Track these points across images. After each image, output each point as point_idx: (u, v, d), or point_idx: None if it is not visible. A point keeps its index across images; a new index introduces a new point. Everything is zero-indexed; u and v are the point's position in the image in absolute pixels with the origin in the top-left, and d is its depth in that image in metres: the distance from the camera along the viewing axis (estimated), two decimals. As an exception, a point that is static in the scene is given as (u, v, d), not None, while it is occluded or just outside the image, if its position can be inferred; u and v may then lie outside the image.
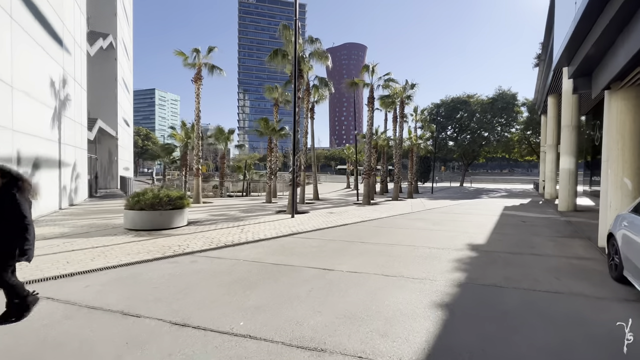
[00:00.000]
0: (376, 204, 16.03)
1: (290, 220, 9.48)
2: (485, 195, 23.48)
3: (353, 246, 6.24)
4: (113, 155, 22.62)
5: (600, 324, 3.06)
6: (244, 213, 11.20)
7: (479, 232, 7.80)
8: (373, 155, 19.87)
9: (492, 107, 36.18)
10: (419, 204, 16.02)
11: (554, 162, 19.30)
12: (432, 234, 7.56)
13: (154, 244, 6.08)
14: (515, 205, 15.27)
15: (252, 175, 30.23)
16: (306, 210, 12.38)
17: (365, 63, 16.31)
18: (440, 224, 9.11)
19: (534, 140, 35.97)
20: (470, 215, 11.42)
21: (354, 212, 11.76)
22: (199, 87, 14.44)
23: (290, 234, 7.41)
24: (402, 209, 13.14)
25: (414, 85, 19.21)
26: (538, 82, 21.28)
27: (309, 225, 8.57)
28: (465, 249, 6.01)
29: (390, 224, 9.23)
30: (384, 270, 4.61)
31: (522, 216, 11.11)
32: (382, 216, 10.78)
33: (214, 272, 4.51)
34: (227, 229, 7.88)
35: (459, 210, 12.87)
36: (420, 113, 26.51)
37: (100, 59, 21.96)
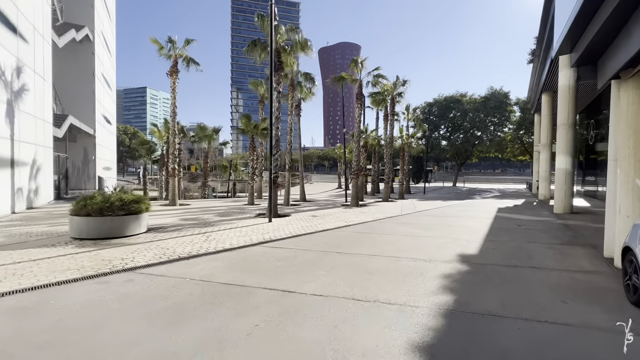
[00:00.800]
0: (365, 205, 15.26)
1: (266, 225, 8.63)
2: (478, 196, 22.91)
3: (328, 258, 5.42)
4: (90, 154, 21.47)
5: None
6: (219, 217, 10.31)
7: (472, 239, 7.05)
8: (362, 155, 19.10)
9: (485, 106, 35.76)
10: (409, 205, 15.29)
11: (548, 161, 18.76)
12: (420, 242, 6.78)
13: (93, 257, 5.19)
14: (509, 207, 14.64)
15: (241, 175, 29.36)
16: (288, 213, 11.54)
17: (354, 58, 15.52)
18: (430, 229, 8.35)
19: (526, 140, 35.63)
20: (463, 218, 10.70)
21: (339, 215, 10.96)
22: (174, 81, 13.47)
23: (260, 242, 6.56)
24: (391, 211, 12.39)
25: (406, 81, 18.49)
26: (532, 80, 20.74)
27: (285, 231, 7.74)
28: (456, 261, 5.24)
29: (376, 229, 8.44)
30: (355, 292, 3.81)
31: (517, 219, 10.43)
32: (368, 220, 10.00)
33: (147, 296, 3.66)
34: (190, 236, 7.00)
35: (450, 213, 12.16)
36: (413, 111, 25.83)
37: (74, 52, 20.82)
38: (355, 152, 15.46)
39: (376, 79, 15.67)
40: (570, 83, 11.64)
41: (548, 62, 14.24)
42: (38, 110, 11.83)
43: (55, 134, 14.16)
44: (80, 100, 21.25)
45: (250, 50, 10.67)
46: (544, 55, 14.48)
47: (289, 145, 15.27)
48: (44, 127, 12.30)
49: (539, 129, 24.13)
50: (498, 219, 10.53)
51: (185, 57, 13.78)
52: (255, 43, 10.63)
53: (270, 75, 8.84)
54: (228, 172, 22.72)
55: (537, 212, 12.55)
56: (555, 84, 16.15)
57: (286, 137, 15.19)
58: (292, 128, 14.94)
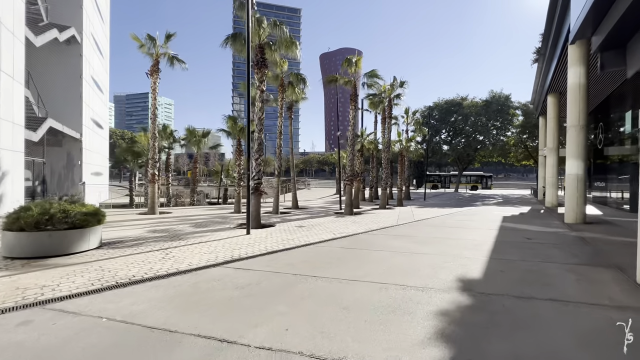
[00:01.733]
0: (359, 213, 14.27)
1: (242, 239, 7.66)
2: (481, 203, 21.84)
3: (298, 285, 4.44)
4: (75, 159, 20.65)
5: None
6: (194, 228, 9.35)
7: (474, 256, 6.04)
8: (358, 159, 18.18)
9: (487, 110, 34.88)
10: (407, 213, 14.28)
11: (555, 166, 17.75)
12: (414, 260, 5.78)
13: (7, 284, 4.23)
14: (514, 215, 13.58)
15: (234, 180, 28.31)
16: (273, 223, 10.56)
17: (347, 57, 14.67)
18: (427, 244, 7.34)
19: (530, 144, 34.61)
20: (464, 229, 9.68)
21: (328, 226, 9.97)
22: (155, 81, 12.66)
23: (225, 261, 5.59)
24: (387, 221, 11.38)
25: (403, 83, 17.62)
26: (536, 81, 19.82)
27: (261, 247, 6.77)
28: (455, 289, 4.23)
29: (366, 243, 7.45)
30: (318, 344, 2.82)
31: (525, 230, 9.39)
32: (359, 231, 9.00)
33: (35, 351, 2.68)
34: (147, 253, 6.03)
35: (451, 222, 11.14)
36: (412, 115, 24.93)
37: (60, 54, 20.16)
38: (349, 156, 14.52)
39: (371, 79, 14.77)
40: (580, 81, 10.68)
41: (555, 60, 13.31)
42: (6, 112, 11.01)
43: (29, 138, 13.33)
44: (66, 103, 20.50)
45: (232, 44, 9.80)
46: (550, 53, 13.56)
47: (279, 149, 14.36)
48: (12, 130, 11.46)
49: (544, 132, 23.13)
50: (504, 230, 9.49)
51: (168, 55, 12.99)
52: (236, 36, 9.77)
53: (247, 69, 7.95)
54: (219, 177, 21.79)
55: (546, 221, 11.50)
56: (562, 83, 15.20)
57: (276, 140, 14.29)
58: (280, 131, 14.04)
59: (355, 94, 14.52)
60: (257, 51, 9.77)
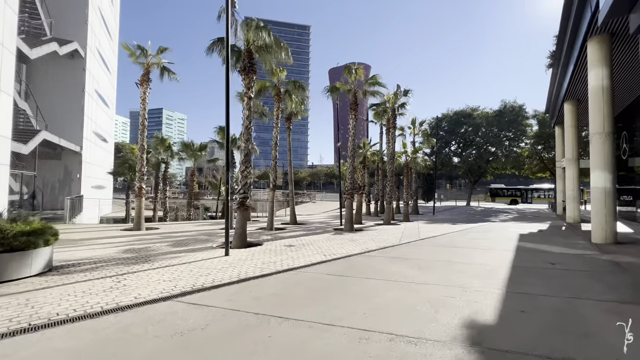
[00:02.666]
0: (361, 230, 13.19)
1: (217, 261, 6.73)
2: (494, 217, 20.38)
3: (254, 331, 3.45)
4: (74, 173, 20.39)
5: None
6: (173, 247, 8.49)
7: (487, 289, 4.93)
8: (360, 171, 17.22)
9: (499, 120, 33.59)
10: (413, 230, 13.11)
11: (575, 179, 16.34)
12: (411, 295, 4.71)
13: None
14: (533, 233, 12.25)
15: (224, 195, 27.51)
16: (261, 241, 9.62)
17: (347, 65, 13.97)
18: (430, 270, 6.24)
19: (546, 156, 32.94)
20: (476, 250, 8.49)
21: (322, 245, 8.96)
22: (145, 91, 12.17)
23: (183, 292, 4.66)
24: (389, 239, 10.28)
25: (408, 91, 16.78)
26: (551, 88, 18.66)
27: (234, 273, 5.82)
28: (459, 342, 3.17)
29: (358, 268, 6.40)
30: None
31: (547, 252, 8.15)
32: (354, 252, 7.95)
33: None
34: (95, 281, 5.17)
35: (461, 241, 9.94)
36: (419, 125, 23.97)
37: (62, 68, 20.27)
38: (349, 168, 13.58)
39: (373, 87, 13.97)
40: (604, 83, 9.58)
41: (572, 64, 12.25)
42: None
43: (18, 150, 12.96)
44: (68, 116, 20.46)
45: (214, 49, 9.16)
46: (566, 55, 12.52)
47: (274, 162, 13.56)
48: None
49: (561, 142, 21.74)
50: (522, 251, 8.27)
51: (160, 65, 12.55)
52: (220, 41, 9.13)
53: (226, 73, 7.22)
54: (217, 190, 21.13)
55: (571, 241, 10.17)
56: (580, 89, 14.05)
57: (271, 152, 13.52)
58: (276, 142, 13.27)
59: (356, 103, 13.71)
60: (245, 56, 9.11)
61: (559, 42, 13.45)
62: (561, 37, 12.56)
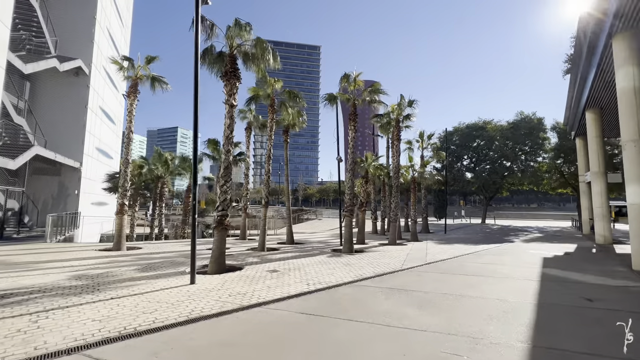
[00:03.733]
0: (362, 250, 11.92)
1: (175, 293, 5.67)
2: (513, 236, 18.63)
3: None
4: (71, 189, 20.03)
5: None
6: (139, 272, 7.49)
7: (504, 342, 3.66)
8: (362, 186, 16.07)
9: (514, 133, 31.96)
10: (420, 251, 11.74)
11: (603, 194, 14.69)
12: (398, 350, 3.49)
13: None
14: (558, 257, 10.68)
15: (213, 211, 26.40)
16: (243, 264, 8.53)
17: (345, 73, 13.18)
18: (432, 308, 4.98)
19: (567, 170, 30.88)
20: (490, 279, 7.12)
21: (310, 270, 7.78)
22: (132, 102, 11.63)
23: (102, 340, 3.60)
24: (389, 263, 8.99)
25: (412, 102, 15.77)
26: (570, 96, 17.30)
27: (187, 309, 4.74)
28: None
29: (341, 305, 5.21)
30: None
31: (580, 283, 6.71)
32: (345, 280, 6.74)
33: None
34: (5, 319, 4.18)
35: (472, 267, 8.55)
36: (427, 138, 22.78)
37: (67, 85, 20.36)
38: (348, 183, 12.48)
39: (373, 95, 13.04)
40: (635, 84, 8.33)
41: (594, 66, 11.02)
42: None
43: (4, 165, 12.53)
44: (68, 132, 20.34)
45: (206, 60, 8.45)
46: (587, 57, 11.31)
47: (267, 176, 12.62)
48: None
49: (583, 155, 20.10)
50: (548, 281, 6.86)
51: (150, 76, 12.06)
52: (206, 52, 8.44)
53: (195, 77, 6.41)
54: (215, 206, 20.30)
55: (606, 267, 8.61)
56: (605, 94, 12.72)
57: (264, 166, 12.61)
58: (269, 155, 12.35)
59: (355, 113, 12.78)
60: (227, 60, 8.38)
61: (577, 43, 12.29)
62: (580, 36, 11.42)
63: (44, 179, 19.13)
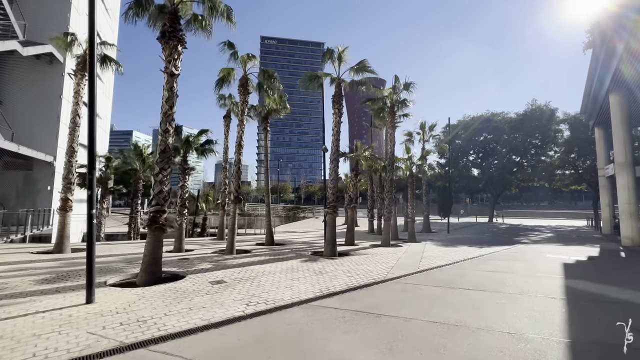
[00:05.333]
0: (347, 254, 10.20)
1: (49, 319, 4.03)
2: (523, 237, 16.70)
3: None
4: (45, 184, 18.65)
5: None
6: (40, 284, 5.87)
7: None
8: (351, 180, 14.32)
9: (523, 125, 29.74)
10: (414, 255, 9.97)
11: (631, 188, 12.71)
12: None
13: None
14: (582, 263, 8.81)
15: (211, 207, 24.94)
16: (188, 272, 6.87)
17: (328, 48, 11.44)
18: (407, 351, 3.23)
19: (580, 165, 28.64)
20: (498, 296, 5.33)
21: (266, 282, 6.10)
22: (78, 82, 10.07)
23: None
24: (372, 271, 7.25)
25: (409, 85, 13.92)
26: (591, 78, 15.28)
27: (22, 355, 3.08)
28: None
29: (270, 344, 3.50)
30: None
31: (621, 303, 4.90)
32: (302, 298, 5.03)
33: None
34: None
35: (475, 278, 6.76)
36: (429, 130, 20.89)
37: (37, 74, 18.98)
38: (331, 175, 10.75)
39: (360, 74, 11.26)
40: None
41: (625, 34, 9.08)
42: None
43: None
44: (41, 124, 18.97)
45: (131, 13, 6.83)
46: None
47: (237, 167, 10.94)
48: None
49: (603, 146, 18.04)
50: (577, 300, 5.06)
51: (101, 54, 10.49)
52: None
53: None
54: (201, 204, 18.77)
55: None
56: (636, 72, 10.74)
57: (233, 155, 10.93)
58: (240, 142, 10.67)
59: (340, 94, 11.03)
60: (167, 19, 6.72)
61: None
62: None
63: (15, 174, 17.80)
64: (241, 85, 11.06)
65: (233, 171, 11.09)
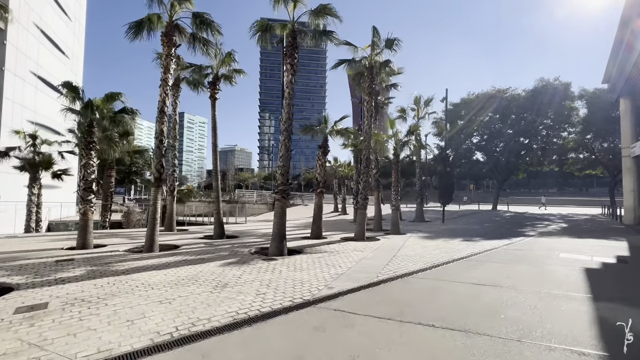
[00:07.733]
0: (299, 251, 7.90)
1: None
2: (529, 228, 14.18)
3: None
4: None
5: None
6: None
7: None
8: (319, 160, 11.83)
9: (533, 102, 26.58)
10: (385, 253, 7.60)
11: (670, 169, 9.99)
12: None
13: None
14: (612, 267, 6.35)
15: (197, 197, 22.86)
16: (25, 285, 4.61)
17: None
18: None
19: (599, 146, 25.65)
20: (479, 344, 2.94)
21: (114, 306, 3.80)
22: None
23: None
24: (305, 284, 4.92)
25: (393, 41, 11.18)
26: (620, 35, 12.33)
27: None
28: None
29: None
30: None
31: None
32: (123, 351, 2.72)
33: None
34: None
35: (446, 303, 4.36)
36: (425, 105, 18.13)
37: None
38: (280, 150, 8.32)
39: (320, 19, 8.60)
40: None
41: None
42: None
43: None
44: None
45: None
46: None
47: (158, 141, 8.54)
48: None
49: (630, 120, 15.20)
50: (616, 337, 2.67)
51: None
52: None
53: None
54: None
55: None
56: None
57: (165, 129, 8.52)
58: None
59: (293, 46, 8.44)
60: None
61: None
62: None
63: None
64: (165, 35, 8.52)
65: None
